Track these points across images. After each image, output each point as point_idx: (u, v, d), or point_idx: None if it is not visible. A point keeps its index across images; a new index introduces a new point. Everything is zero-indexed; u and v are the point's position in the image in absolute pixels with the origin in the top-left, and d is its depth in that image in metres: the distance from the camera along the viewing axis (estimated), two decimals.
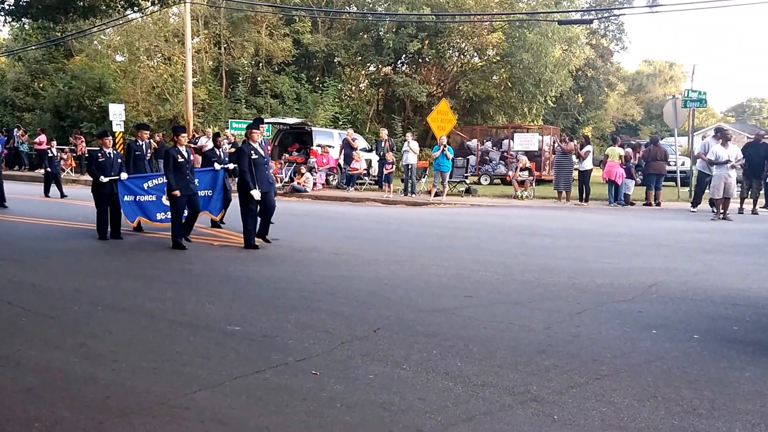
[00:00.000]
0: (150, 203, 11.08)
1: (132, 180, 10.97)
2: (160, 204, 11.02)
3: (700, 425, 3.72)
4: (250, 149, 9.71)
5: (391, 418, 3.78)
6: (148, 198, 11.06)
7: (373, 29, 34.23)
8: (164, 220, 10.98)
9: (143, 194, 11.00)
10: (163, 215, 11.03)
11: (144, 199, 11.03)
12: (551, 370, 4.60)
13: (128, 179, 10.86)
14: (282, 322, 5.80)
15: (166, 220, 10.87)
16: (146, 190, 11.04)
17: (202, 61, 32.09)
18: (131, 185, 10.89)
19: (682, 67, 64.21)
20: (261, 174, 9.77)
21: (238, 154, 10.11)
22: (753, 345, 5.21)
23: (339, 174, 22.40)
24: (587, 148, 18.45)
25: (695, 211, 15.70)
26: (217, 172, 11.61)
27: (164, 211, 10.98)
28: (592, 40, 42.81)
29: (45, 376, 4.43)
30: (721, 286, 7.39)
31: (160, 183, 10.96)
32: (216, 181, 11.57)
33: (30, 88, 34.74)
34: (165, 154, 10.08)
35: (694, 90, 19.94)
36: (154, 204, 11.09)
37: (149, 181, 11.16)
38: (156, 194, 11.05)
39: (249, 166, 9.60)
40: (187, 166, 9.98)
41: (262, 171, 9.83)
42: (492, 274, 7.90)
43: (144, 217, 11.07)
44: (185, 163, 9.92)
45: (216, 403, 3.97)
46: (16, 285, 7.38)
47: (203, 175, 11.47)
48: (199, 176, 11.13)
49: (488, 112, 34.61)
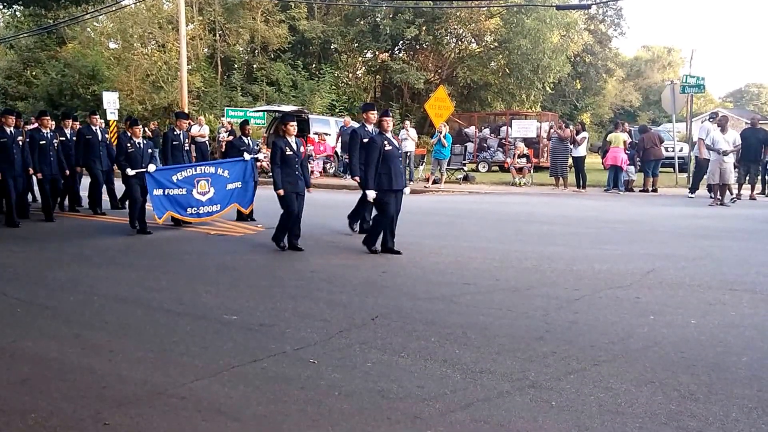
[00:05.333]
0: (180, 197, 10.45)
1: (160, 172, 10.44)
2: (191, 198, 10.48)
3: (698, 410, 3.72)
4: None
5: (389, 406, 3.78)
6: (178, 191, 10.44)
7: (369, 15, 34.08)
8: (194, 215, 10.58)
9: (172, 187, 10.36)
10: (194, 210, 10.56)
11: (173, 193, 10.39)
12: (549, 356, 4.60)
13: (156, 171, 10.32)
14: (279, 311, 5.79)
15: (196, 215, 10.57)
16: (175, 183, 10.39)
17: (196, 48, 31.91)
18: (160, 178, 10.31)
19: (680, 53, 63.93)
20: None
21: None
22: (750, 330, 5.21)
23: (336, 162, 22.32)
24: (583, 134, 18.40)
25: (693, 197, 15.68)
26: (247, 162, 10.93)
27: (195, 206, 10.53)
28: (591, 26, 42.66)
29: (41, 367, 4.42)
30: (718, 272, 7.38)
31: (189, 175, 10.53)
32: (245, 171, 10.96)
33: (22, 77, 34.51)
34: (273, 146, 8.93)
35: (692, 75, 19.87)
36: (184, 197, 10.46)
37: (178, 174, 10.55)
38: (186, 187, 10.46)
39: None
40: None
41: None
42: (490, 261, 7.89)
43: (173, 212, 10.44)
44: (294, 156, 8.72)
45: (213, 393, 3.97)
46: (10, 274, 7.37)
47: (232, 165, 10.99)
48: (227, 167, 10.89)
49: (486, 98, 34.57)
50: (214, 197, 10.64)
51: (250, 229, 10.61)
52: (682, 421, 3.58)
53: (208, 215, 10.73)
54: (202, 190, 10.56)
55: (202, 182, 10.59)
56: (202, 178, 10.63)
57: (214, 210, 10.71)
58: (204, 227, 10.75)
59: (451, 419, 3.61)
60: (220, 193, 10.71)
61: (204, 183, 10.59)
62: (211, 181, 10.65)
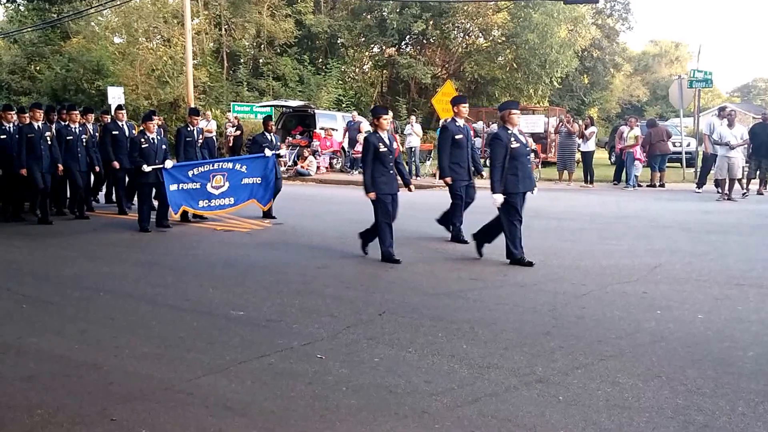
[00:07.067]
0: (194, 190, 10.43)
1: (177, 168, 10.34)
2: (204, 191, 10.45)
3: (704, 404, 3.71)
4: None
5: (397, 401, 3.78)
6: (192, 185, 10.41)
7: (376, 9, 33.98)
8: (206, 208, 10.56)
9: (187, 182, 10.33)
10: (206, 203, 10.54)
11: (187, 187, 10.35)
12: (556, 351, 4.59)
13: (173, 167, 10.22)
14: (286, 307, 5.79)
15: (208, 208, 10.55)
16: (191, 177, 10.37)
17: (202, 43, 31.81)
18: (176, 173, 10.23)
19: (688, 47, 63.53)
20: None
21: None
22: (756, 324, 5.19)
23: (343, 157, 22.30)
24: (591, 129, 18.33)
25: (700, 192, 15.60)
26: (268, 158, 10.88)
27: (207, 199, 10.50)
28: (598, 20, 42.39)
29: (46, 363, 4.44)
30: (725, 267, 7.36)
31: (205, 170, 10.53)
32: (266, 168, 10.90)
33: (26, 71, 34.33)
34: (365, 142, 8.05)
35: (699, 70, 19.70)
36: (197, 191, 10.44)
37: (194, 169, 10.52)
38: (200, 181, 10.44)
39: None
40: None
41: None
42: (497, 256, 7.87)
43: (186, 206, 10.38)
44: (388, 153, 7.84)
45: (220, 388, 3.97)
46: (15, 271, 7.39)
47: (251, 161, 10.97)
48: (247, 163, 10.85)
49: (494, 93, 34.37)
50: (227, 191, 10.64)
51: (257, 225, 10.61)
52: (688, 416, 3.57)
53: (221, 208, 10.71)
54: (217, 184, 10.59)
55: (217, 177, 10.62)
56: (219, 173, 10.66)
57: (227, 203, 10.68)
58: (210, 223, 10.76)
59: (458, 414, 3.61)
60: (235, 187, 10.71)
61: (219, 177, 10.63)
62: (226, 175, 10.66)
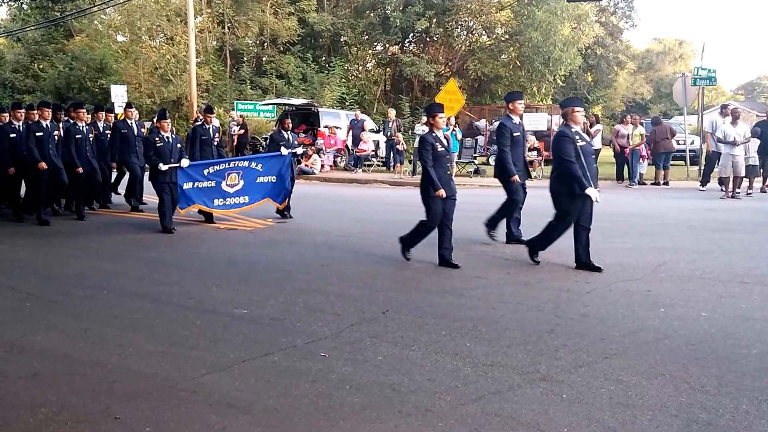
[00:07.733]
0: (208, 189, 10.31)
1: (192, 167, 10.23)
2: (219, 190, 10.38)
3: (708, 402, 3.71)
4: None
5: (400, 399, 3.78)
6: (207, 184, 10.28)
7: (379, 7, 33.91)
8: (221, 207, 10.49)
9: (202, 180, 10.25)
10: (221, 201, 10.46)
11: (203, 185, 10.26)
12: (560, 349, 4.59)
13: (189, 166, 10.12)
14: (290, 305, 5.79)
15: (223, 207, 10.49)
16: (206, 176, 10.29)
17: (205, 41, 31.80)
18: (191, 172, 10.14)
19: (692, 45, 63.37)
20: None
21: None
22: (760, 322, 5.18)
23: (347, 155, 22.31)
24: (597, 127, 18.27)
25: (704, 190, 15.57)
26: (284, 157, 10.76)
27: (223, 198, 10.44)
28: (602, 18, 42.27)
29: (50, 361, 4.45)
30: (728, 265, 7.34)
31: (221, 169, 10.46)
32: (281, 166, 10.78)
33: (30, 70, 34.42)
34: (422, 141, 7.57)
35: (703, 68, 19.65)
36: (212, 190, 10.36)
37: (210, 168, 10.47)
38: (215, 180, 10.37)
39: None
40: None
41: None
42: (501, 254, 7.86)
43: (201, 204, 10.33)
44: (445, 152, 7.53)
45: (224, 386, 3.98)
46: (19, 269, 7.40)
47: (267, 159, 10.89)
48: (263, 161, 10.80)
49: (497, 91, 34.28)
50: (242, 189, 10.56)
51: (261, 224, 10.62)
52: (692, 414, 3.57)
53: (236, 207, 10.63)
54: (232, 182, 10.50)
55: (232, 175, 10.52)
56: (234, 171, 10.57)
57: (242, 202, 10.59)
58: (214, 221, 10.74)
59: (462, 412, 3.61)
60: (250, 185, 10.62)
61: (234, 176, 10.52)
62: (241, 174, 10.58)
